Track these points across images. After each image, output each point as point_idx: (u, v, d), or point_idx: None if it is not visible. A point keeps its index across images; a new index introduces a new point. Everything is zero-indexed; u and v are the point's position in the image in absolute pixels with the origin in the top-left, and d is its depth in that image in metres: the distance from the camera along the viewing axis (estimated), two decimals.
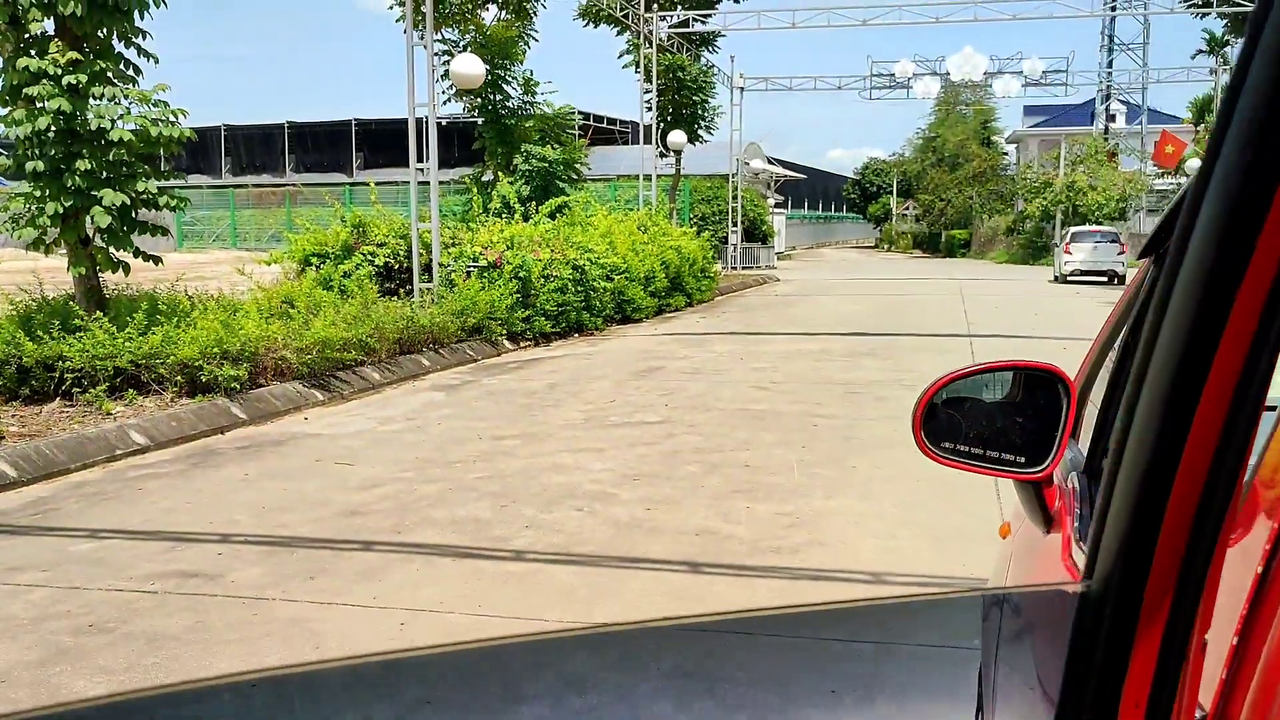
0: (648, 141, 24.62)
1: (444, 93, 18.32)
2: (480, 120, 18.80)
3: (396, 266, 14.76)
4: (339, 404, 10.02)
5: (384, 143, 52.96)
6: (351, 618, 4.37)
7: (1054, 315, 18.27)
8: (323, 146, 55.66)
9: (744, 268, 32.01)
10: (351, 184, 44.13)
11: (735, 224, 32.05)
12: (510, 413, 9.36)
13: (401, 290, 14.32)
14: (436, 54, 17.14)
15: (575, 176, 19.97)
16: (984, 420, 1.61)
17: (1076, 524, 1.51)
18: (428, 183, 14.39)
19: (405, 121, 14.43)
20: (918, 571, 4.87)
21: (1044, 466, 1.57)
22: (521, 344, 14.59)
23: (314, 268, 14.53)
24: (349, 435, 8.49)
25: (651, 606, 4.45)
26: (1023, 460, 1.57)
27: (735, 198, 32.05)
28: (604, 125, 47.00)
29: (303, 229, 15.77)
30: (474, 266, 14.59)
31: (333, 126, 55.71)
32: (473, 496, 6.35)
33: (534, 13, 19.94)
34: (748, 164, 34.43)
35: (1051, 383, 1.60)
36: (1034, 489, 1.64)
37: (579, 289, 15.88)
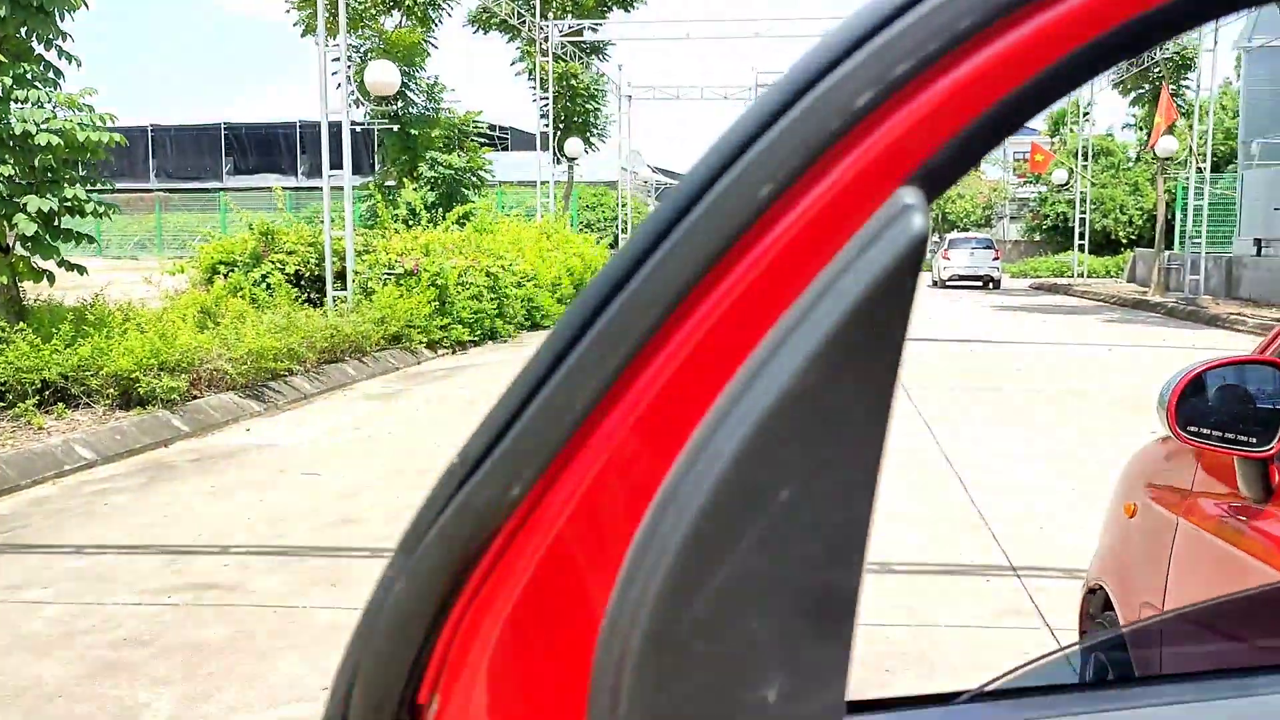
0: (544, 148, 24.72)
1: (346, 97, 18.05)
2: (395, 127, 18.60)
3: (307, 274, 14.51)
4: (276, 414, 9.85)
5: (256, 148, 51.47)
6: None
7: (946, 321, 19.10)
8: (188, 151, 53.60)
9: None
10: (222, 190, 42.81)
11: (625, 230, 32.38)
12: (459, 421, 9.37)
13: (314, 298, 14.09)
14: (335, 59, 16.86)
15: (480, 183, 19.96)
16: (1221, 405, 1.86)
17: None
18: (340, 188, 14.20)
19: (279, 125, 14.38)
20: (921, 560, 5.17)
21: (1271, 446, 1.82)
22: (439, 352, 14.53)
23: (222, 276, 14.18)
24: (302, 446, 8.38)
25: None
26: (1254, 441, 1.83)
27: (624, 205, 32.39)
28: (484, 131, 46.78)
29: (207, 238, 15.39)
30: (390, 274, 14.47)
31: (199, 130, 53.77)
32: None
33: (438, 20, 19.87)
34: (635, 172, 34.83)
35: (1269, 372, 1.86)
36: (1261, 465, 1.89)
37: (493, 296, 15.90)
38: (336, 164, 14.05)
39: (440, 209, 18.11)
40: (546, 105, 25.24)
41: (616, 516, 0.50)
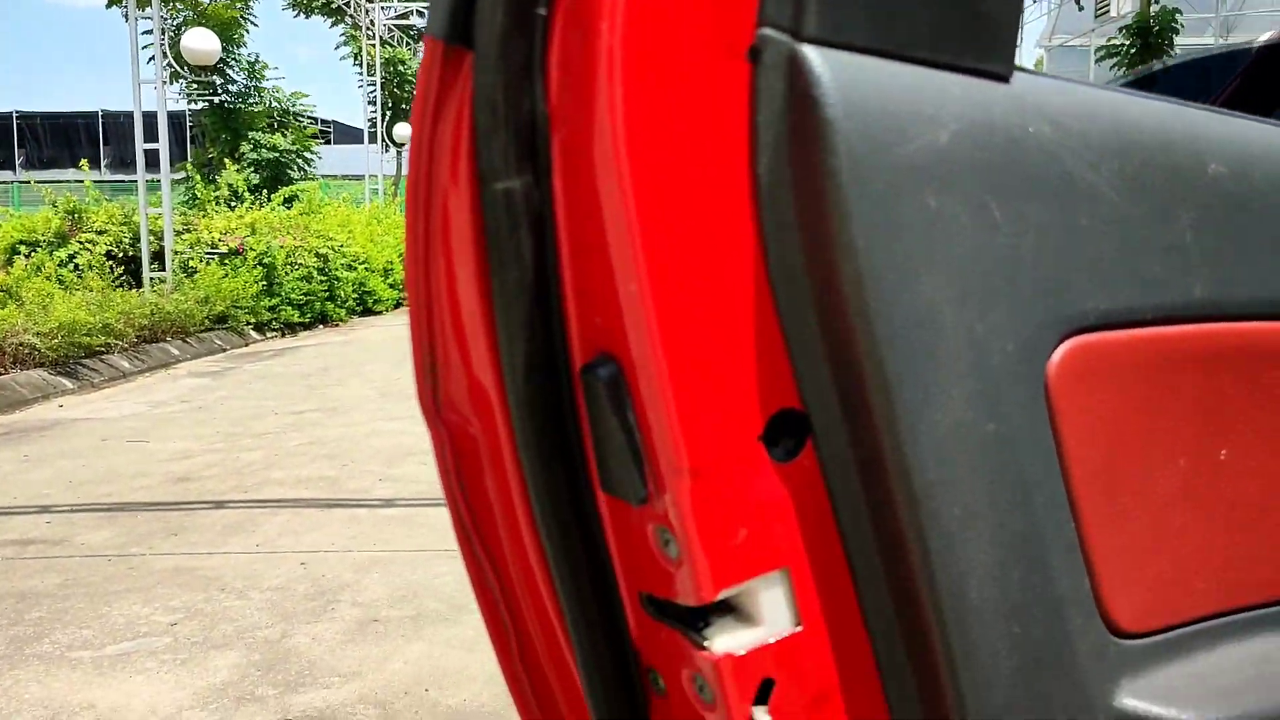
0: (373, 140, 24.04)
1: (160, 69, 17.05)
2: (216, 100, 17.65)
3: (121, 255, 13.63)
4: (93, 392, 9.20)
5: (52, 138, 48.33)
6: (245, 563, 4.13)
7: None
8: None
9: None
10: (16, 183, 39.89)
11: None
12: (295, 392, 8.97)
13: (130, 281, 13.24)
14: (147, 32, 15.89)
15: (307, 166, 19.20)
16: None
17: None
18: (158, 181, 13.41)
19: (78, 115, 13.60)
20: None
21: None
22: (268, 334, 13.89)
23: (23, 257, 13.17)
24: (125, 418, 7.84)
25: None
26: None
27: None
28: (311, 115, 45.05)
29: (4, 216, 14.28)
30: (214, 253, 13.75)
31: None
32: (305, 460, 6.09)
33: None
34: None
35: None
36: None
37: (324, 278, 15.32)
38: (151, 138, 13.24)
39: (265, 191, 17.32)
40: (374, 92, 24.54)
41: None
